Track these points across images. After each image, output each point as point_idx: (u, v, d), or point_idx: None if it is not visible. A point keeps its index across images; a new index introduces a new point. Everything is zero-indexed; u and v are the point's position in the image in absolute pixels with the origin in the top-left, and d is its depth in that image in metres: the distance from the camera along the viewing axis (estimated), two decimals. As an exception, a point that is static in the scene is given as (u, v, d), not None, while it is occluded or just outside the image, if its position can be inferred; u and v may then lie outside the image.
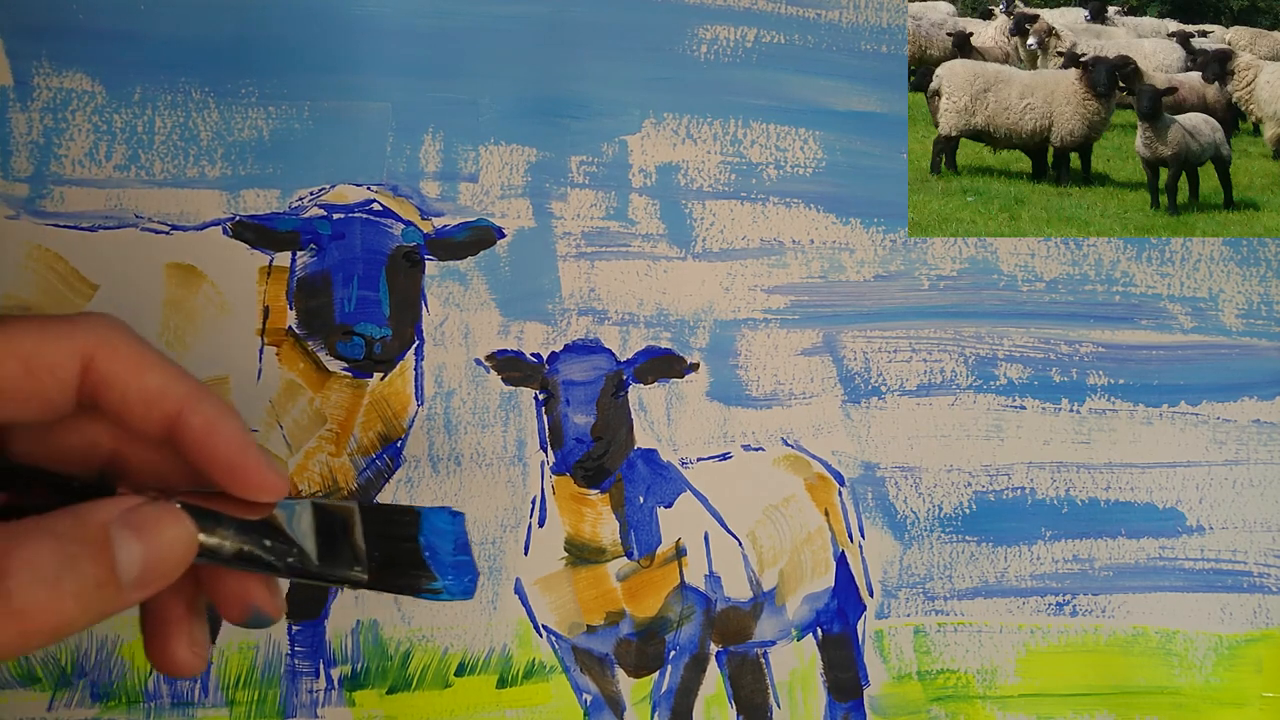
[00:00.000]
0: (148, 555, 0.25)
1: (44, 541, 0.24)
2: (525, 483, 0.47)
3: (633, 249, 0.49)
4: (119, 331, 0.27)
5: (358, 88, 0.48)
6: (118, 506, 0.25)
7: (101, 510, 0.25)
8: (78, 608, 0.24)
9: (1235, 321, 0.52)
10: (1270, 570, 0.51)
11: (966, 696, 0.49)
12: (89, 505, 0.25)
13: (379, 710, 0.46)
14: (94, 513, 0.25)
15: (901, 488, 0.50)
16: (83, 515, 0.25)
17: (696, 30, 0.50)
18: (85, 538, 0.24)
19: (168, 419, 0.27)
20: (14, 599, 0.23)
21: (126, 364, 0.27)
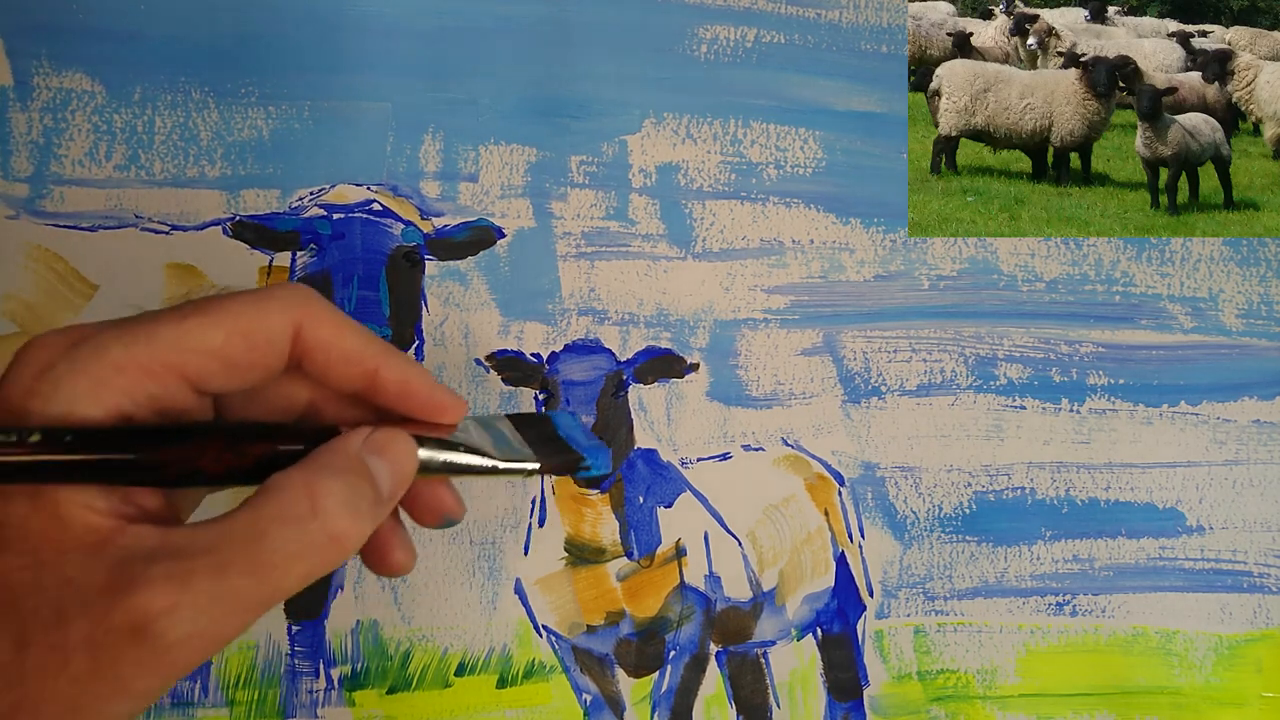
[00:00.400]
0: (393, 470, 0.30)
1: (334, 477, 0.28)
2: (525, 482, 0.47)
3: (633, 249, 0.49)
4: (318, 301, 0.30)
5: (358, 88, 0.48)
6: (359, 437, 0.29)
7: (350, 442, 0.29)
8: (368, 524, 0.29)
9: (1235, 321, 0.52)
10: (1270, 570, 0.51)
11: (966, 696, 0.49)
12: (340, 440, 0.29)
13: (379, 710, 0.46)
14: (347, 445, 0.29)
15: (901, 488, 0.50)
16: (341, 449, 0.29)
17: (696, 30, 0.50)
18: (353, 467, 0.29)
19: (365, 374, 0.31)
20: (330, 526, 0.27)
21: (329, 330, 0.30)
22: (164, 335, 0.28)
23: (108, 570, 0.25)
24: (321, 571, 0.28)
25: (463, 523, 0.47)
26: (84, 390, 0.27)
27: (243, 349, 0.29)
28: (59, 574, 0.26)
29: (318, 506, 0.27)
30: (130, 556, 0.26)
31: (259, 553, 0.27)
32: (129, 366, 0.27)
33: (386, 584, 0.47)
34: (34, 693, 0.25)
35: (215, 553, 0.26)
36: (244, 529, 0.27)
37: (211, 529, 0.27)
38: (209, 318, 0.28)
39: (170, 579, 0.25)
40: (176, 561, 0.26)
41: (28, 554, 0.26)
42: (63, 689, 0.25)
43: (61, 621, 0.25)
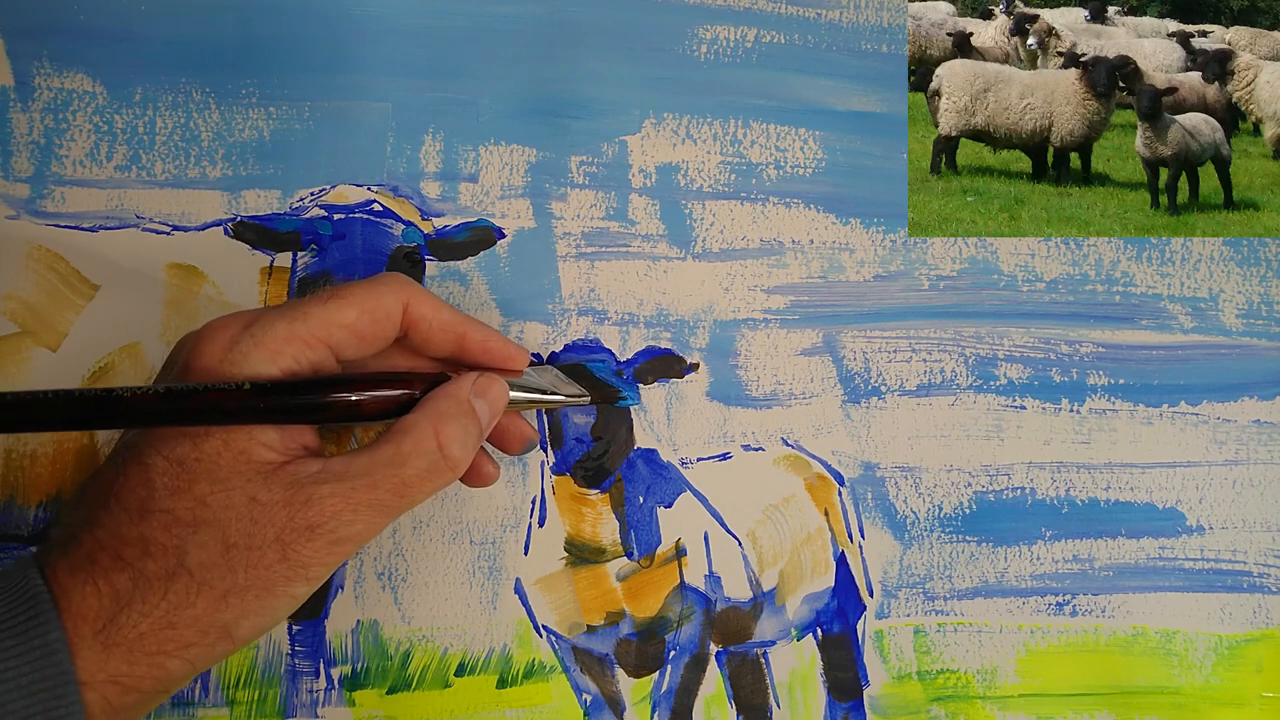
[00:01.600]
0: (491, 406, 0.40)
1: (452, 419, 0.37)
2: (525, 483, 0.47)
3: (633, 249, 0.49)
4: (416, 285, 0.39)
5: (358, 88, 0.48)
6: (468, 382, 0.39)
7: (461, 388, 0.39)
8: (474, 451, 0.38)
9: (1235, 321, 0.52)
10: (1270, 570, 0.51)
11: (966, 696, 0.49)
12: (454, 385, 0.39)
13: (379, 710, 0.46)
14: (459, 390, 0.38)
15: (901, 488, 0.50)
16: (455, 394, 0.38)
17: (696, 30, 0.50)
18: (464, 410, 0.38)
19: (456, 338, 0.40)
20: (450, 456, 0.37)
21: (428, 307, 0.39)
22: (315, 314, 0.37)
23: (285, 489, 0.35)
24: (442, 487, 0.38)
25: (463, 523, 0.47)
26: (263, 358, 0.36)
27: (369, 323, 0.38)
28: (247, 494, 0.34)
29: (442, 442, 0.37)
30: (301, 479, 0.35)
31: (400, 475, 0.36)
32: (293, 339, 0.36)
33: (386, 584, 0.47)
34: (240, 579, 0.34)
35: (368, 475, 0.36)
36: (388, 457, 0.36)
37: (363, 457, 0.36)
38: (345, 300, 0.37)
39: (336, 493, 0.35)
40: (340, 481, 0.35)
41: (220, 481, 0.34)
42: (260, 575, 0.34)
43: (256, 527, 0.34)
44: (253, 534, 0.34)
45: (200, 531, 0.34)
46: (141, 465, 0.35)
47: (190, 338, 0.37)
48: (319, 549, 0.35)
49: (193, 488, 0.34)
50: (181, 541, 0.34)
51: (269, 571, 0.34)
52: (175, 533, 0.34)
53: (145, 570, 0.33)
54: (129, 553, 0.33)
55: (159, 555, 0.33)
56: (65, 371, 0.45)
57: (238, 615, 0.34)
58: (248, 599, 0.34)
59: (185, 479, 0.34)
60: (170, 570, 0.33)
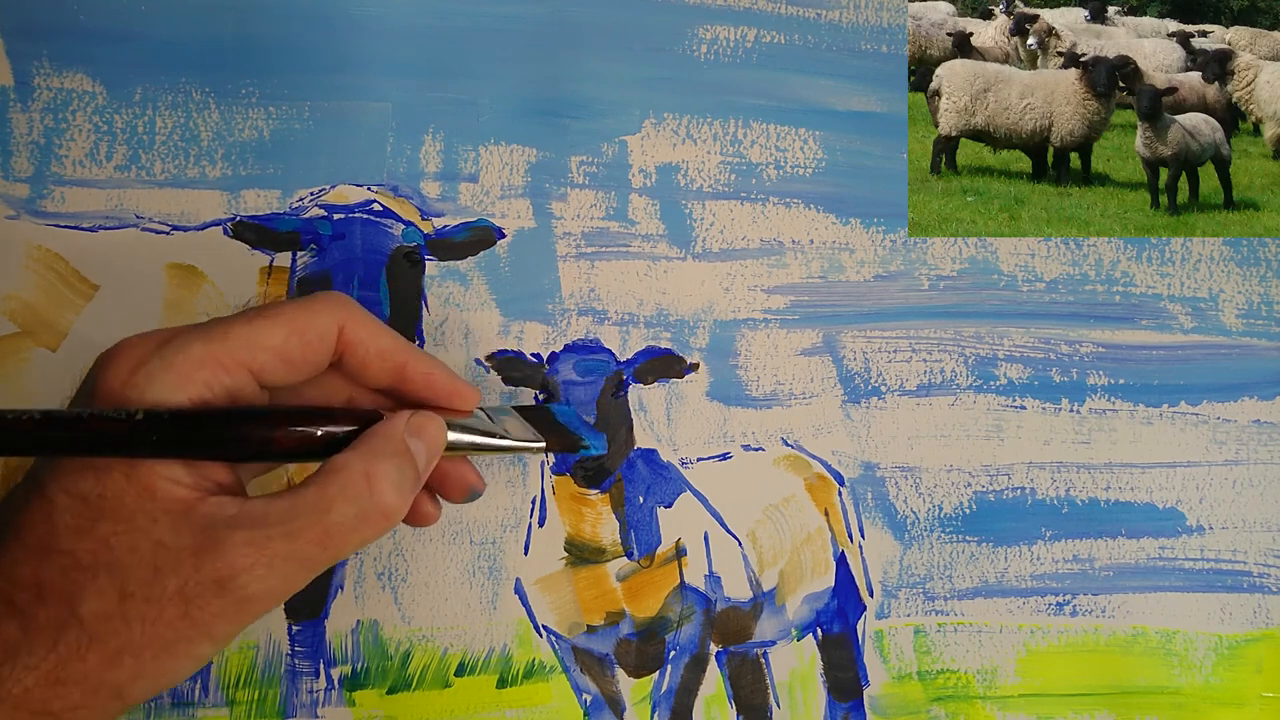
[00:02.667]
0: (429, 448, 0.35)
1: (386, 460, 0.33)
2: (525, 483, 0.47)
3: (633, 249, 0.49)
4: (356, 306, 0.36)
5: (358, 88, 0.48)
6: (402, 420, 0.35)
7: (395, 426, 0.35)
8: (410, 496, 0.34)
9: (1235, 321, 0.52)
10: (1270, 570, 0.51)
11: (966, 696, 0.49)
12: (387, 425, 0.35)
13: (379, 710, 0.46)
14: (393, 429, 0.34)
15: (901, 488, 0.50)
16: (389, 434, 0.34)
17: (696, 30, 0.50)
18: (399, 450, 0.34)
19: (396, 368, 0.36)
20: (383, 502, 0.33)
21: (366, 330, 0.35)
22: (236, 334, 0.33)
23: (194, 534, 0.31)
24: (373, 539, 0.34)
25: (463, 523, 0.47)
26: (172, 382, 0.32)
27: (298, 345, 0.34)
28: (152, 538, 0.31)
29: (374, 486, 0.33)
30: (213, 523, 0.31)
31: (325, 524, 0.32)
32: (208, 362, 0.32)
33: (387, 584, 0.47)
34: (136, 635, 0.30)
35: (289, 522, 0.32)
36: (312, 503, 0.32)
37: (285, 501, 0.32)
38: (271, 320, 0.34)
39: (249, 543, 0.31)
40: (256, 529, 0.31)
41: (124, 520, 0.31)
42: (159, 632, 0.30)
43: (158, 576, 0.30)
44: (153, 584, 0.30)
45: (98, 578, 0.30)
46: (44, 500, 0.31)
47: (102, 356, 0.33)
48: (225, 607, 0.31)
49: (96, 527, 0.31)
50: (77, 588, 0.30)
51: (169, 629, 0.30)
52: (72, 577, 0.30)
53: (36, 618, 0.30)
54: (21, 598, 0.30)
55: (52, 601, 0.30)
56: (65, 371, 0.45)
57: (131, 675, 0.31)
58: (144, 658, 0.30)
59: (88, 517, 0.31)
60: (61, 620, 0.30)
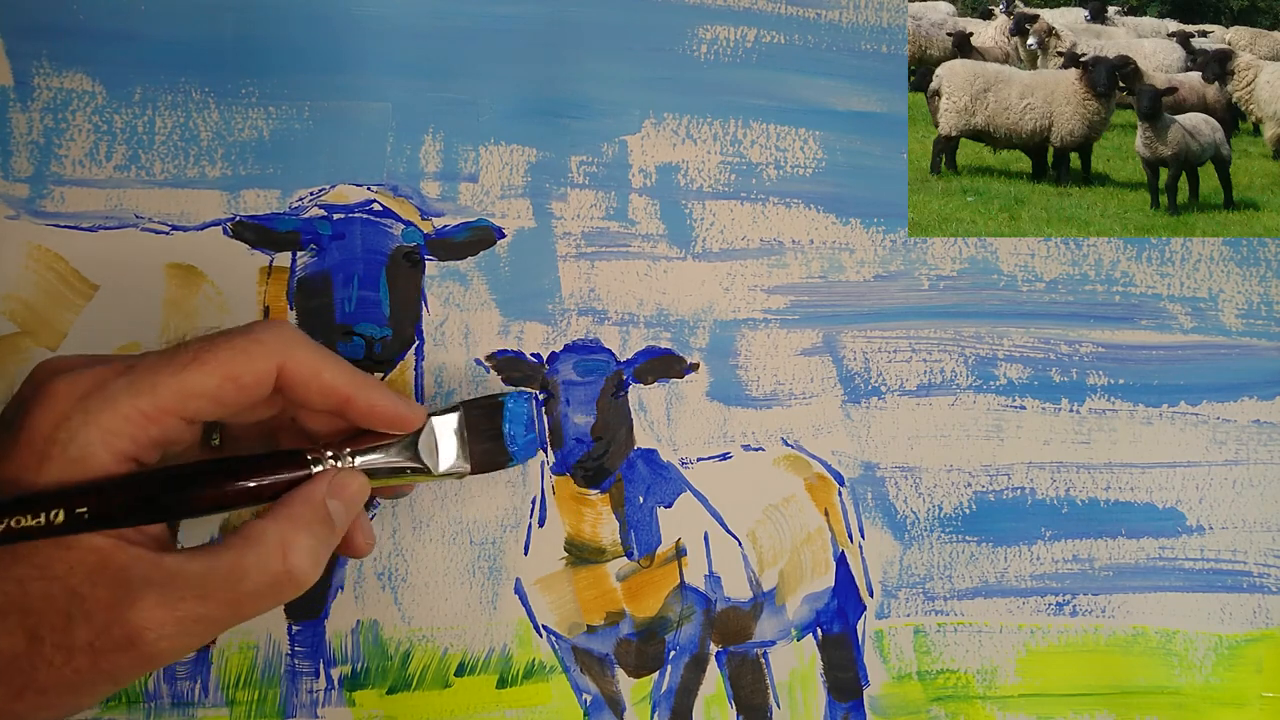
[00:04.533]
0: (348, 507, 0.36)
1: (302, 530, 0.34)
2: (525, 483, 0.47)
3: (633, 249, 0.49)
4: (298, 342, 0.35)
5: (358, 88, 0.48)
6: (324, 484, 0.36)
7: (316, 491, 0.35)
8: (324, 560, 0.35)
9: (1235, 321, 0.52)
10: (1270, 570, 0.51)
11: (966, 696, 0.49)
12: (310, 489, 0.35)
13: (379, 710, 0.46)
14: (313, 494, 0.35)
15: (901, 488, 0.50)
16: (309, 498, 0.35)
17: (696, 30, 0.50)
18: (318, 517, 0.35)
19: (339, 402, 0.36)
20: (296, 574, 0.34)
21: (307, 367, 0.35)
22: (165, 385, 0.33)
23: (109, 587, 0.31)
24: (282, 603, 0.35)
25: (463, 523, 0.47)
26: (97, 439, 0.32)
27: (233, 390, 0.34)
28: (67, 586, 0.31)
29: (288, 560, 0.34)
30: (128, 578, 0.31)
31: (237, 591, 0.33)
32: (135, 416, 0.32)
33: (387, 584, 0.47)
34: (41, 678, 0.31)
35: (200, 586, 0.32)
36: (227, 570, 0.33)
37: (200, 563, 0.33)
38: (204, 366, 0.33)
39: (161, 604, 0.31)
40: (168, 589, 0.32)
41: (40, 567, 0.31)
42: (65, 676, 0.31)
43: (69, 625, 0.31)
44: (65, 633, 0.31)
45: (8, 619, 0.30)
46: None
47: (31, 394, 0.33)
48: (132, 661, 0.31)
49: (10, 570, 0.31)
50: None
51: (75, 675, 0.31)
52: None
53: None
54: None
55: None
56: (65, 371, 0.45)
57: (33, 708, 0.31)
58: (47, 696, 0.31)
59: (6, 558, 0.31)
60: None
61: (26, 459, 0.32)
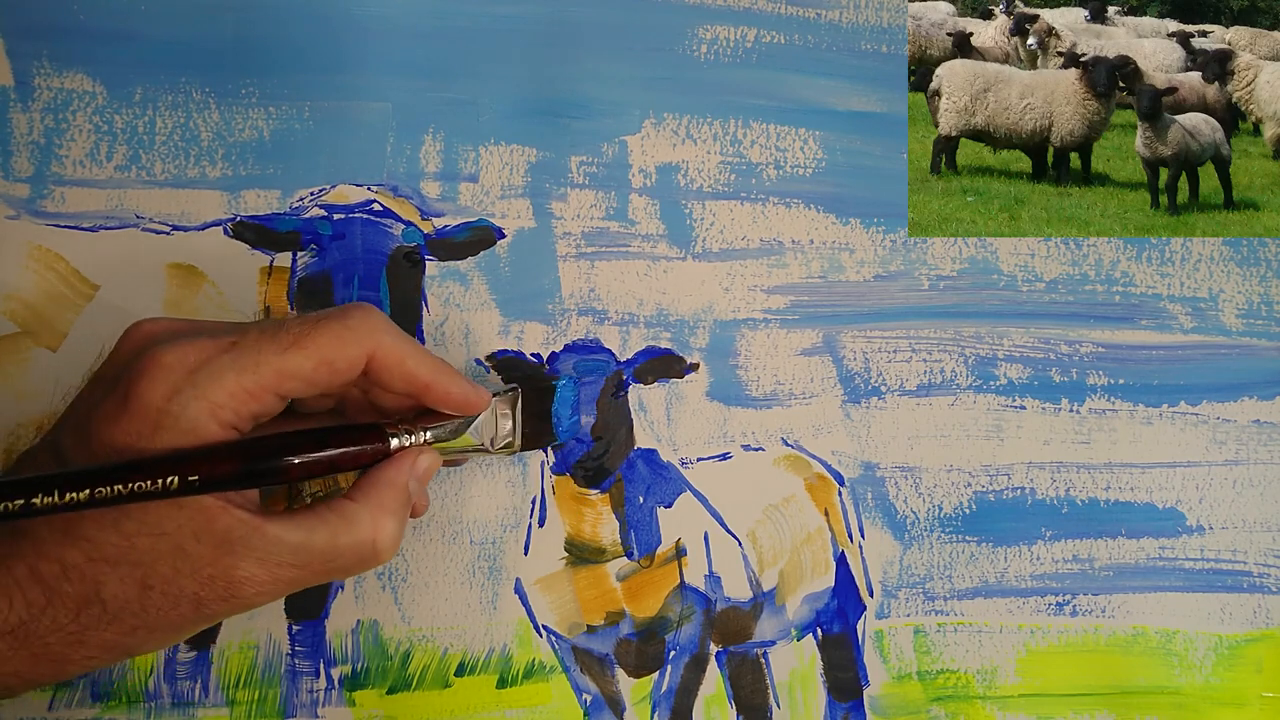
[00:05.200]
0: (423, 483, 0.40)
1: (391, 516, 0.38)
2: (525, 483, 0.47)
3: (633, 249, 0.49)
4: (387, 329, 0.38)
5: (358, 88, 0.48)
6: (407, 465, 0.39)
7: (401, 474, 0.39)
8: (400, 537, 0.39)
9: (1235, 321, 0.52)
10: (1270, 570, 0.51)
11: (966, 696, 0.49)
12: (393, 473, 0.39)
13: (379, 710, 0.46)
14: (398, 478, 0.39)
15: (901, 488, 0.50)
16: (395, 483, 0.38)
17: (696, 30, 0.50)
18: (403, 500, 0.38)
19: (419, 387, 0.39)
20: (381, 554, 0.38)
21: (393, 355, 0.38)
22: (267, 365, 0.35)
23: (213, 546, 0.34)
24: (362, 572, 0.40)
25: (463, 523, 0.47)
26: (206, 413, 0.34)
27: (326, 373, 0.36)
28: (175, 542, 0.34)
29: (379, 544, 0.38)
30: (230, 538, 0.34)
31: (329, 565, 0.37)
32: (239, 393, 0.35)
33: (387, 584, 0.47)
34: (152, 619, 0.34)
35: (298, 555, 0.36)
36: (323, 546, 0.36)
37: (298, 535, 0.36)
38: (304, 350, 0.36)
39: (261, 564, 0.35)
40: (268, 553, 0.35)
41: (150, 525, 0.34)
42: (171, 619, 0.35)
43: (177, 577, 0.34)
44: (172, 583, 0.34)
45: (120, 569, 0.34)
46: None
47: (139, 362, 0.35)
48: (229, 609, 0.35)
49: (120, 524, 0.34)
50: (101, 575, 0.34)
51: (180, 618, 0.35)
52: (96, 564, 0.34)
53: (61, 591, 0.33)
54: (47, 569, 0.33)
55: (76, 581, 0.33)
56: (65, 371, 0.45)
57: (143, 642, 0.35)
58: (155, 633, 0.35)
59: (113, 513, 0.34)
60: (86, 598, 0.34)
61: (140, 427, 0.34)
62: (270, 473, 0.36)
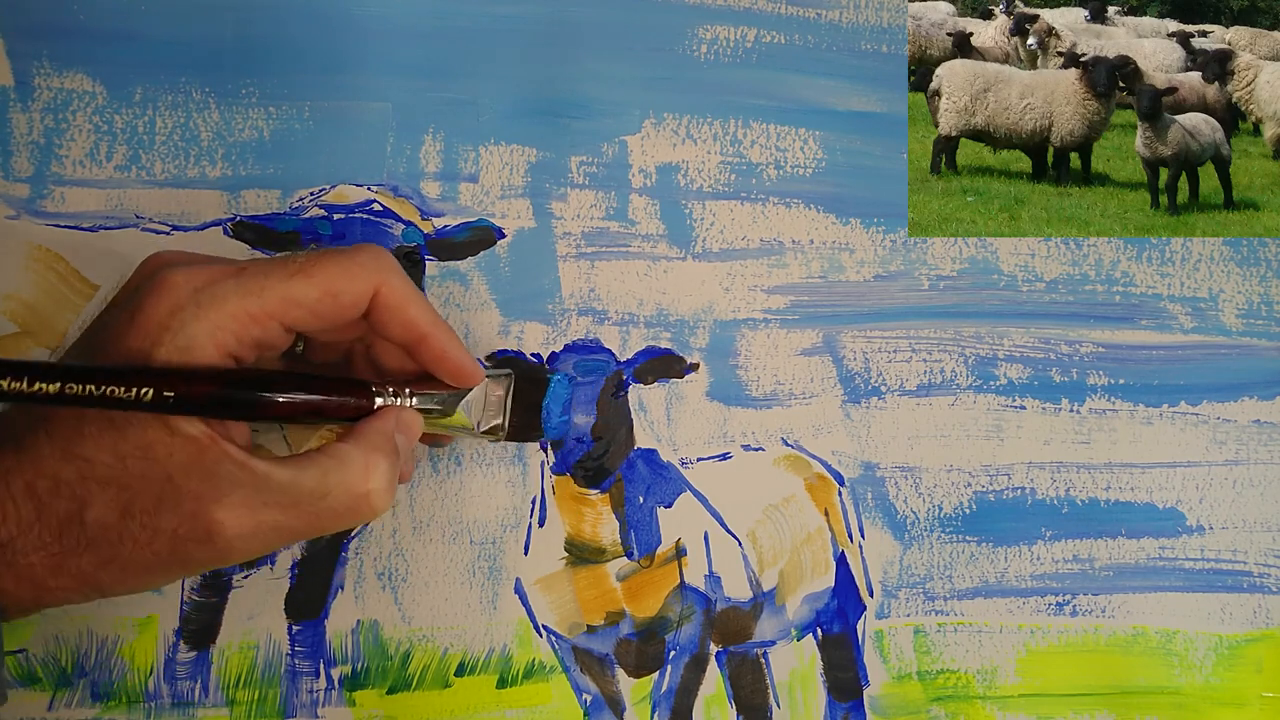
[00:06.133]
0: (409, 441, 0.39)
1: (383, 458, 0.37)
2: (525, 483, 0.47)
3: (633, 249, 0.49)
4: (394, 270, 0.38)
5: (358, 88, 0.48)
6: (392, 417, 0.38)
7: (386, 423, 0.38)
8: (393, 492, 0.37)
9: (1235, 321, 0.52)
10: (1270, 570, 0.51)
11: (966, 696, 0.49)
12: (381, 420, 0.38)
13: (379, 710, 0.46)
14: (385, 426, 0.38)
15: (901, 488, 0.50)
16: (382, 430, 0.38)
17: (696, 30, 0.50)
18: (391, 448, 0.37)
19: (416, 338, 0.39)
20: (373, 497, 0.36)
21: (396, 298, 0.38)
22: (272, 290, 0.35)
23: (200, 480, 0.34)
24: (351, 526, 0.40)
25: (463, 523, 0.47)
26: (204, 333, 0.34)
27: (331, 305, 0.36)
28: (164, 471, 0.34)
29: (369, 484, 0.36)
30: (218, 473, 0.34)
31: (319, 507, 0.35)
32: (242, 316, 0.35)
33: (387, 584, 0.47)
34: (125, 554, 0.34)
35: (284, 494, 0.35)
36: (312, 484, 0.35)
37: (286, 473, 0.35)
38: (310, 279, 0.36)
39: (246, 507, 0.34)
40: (255, 493, 0.34)
41: (143, 448, 0.34)
42: (145, 557, 0.34)
43: (159, 509, 0.33)
44: (152, 514, 0.34)
45: (107, 490, 0.33)
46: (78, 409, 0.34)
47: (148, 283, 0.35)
48: (207, 555, 0.34)
49: (116, 446, 0.34)
50: (87, 493, 0.33)
51: (154, 557, 0.34)
52: (86, 483, 0.33)
53: (50, 508, 0.33)
54: (41, 485, 0.33)
55: (65, 498, 0.33)
56: (65, 371, 0.45)
57: (114, 581, 0.34)
58: (128, 572, 0.34)
59: (111, 435, 0.34)
60: (69, 516, 0.33)
61: (140, 342, 0.34)
62: (249, 404, 0.35)
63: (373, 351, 0.41)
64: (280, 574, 0.46)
